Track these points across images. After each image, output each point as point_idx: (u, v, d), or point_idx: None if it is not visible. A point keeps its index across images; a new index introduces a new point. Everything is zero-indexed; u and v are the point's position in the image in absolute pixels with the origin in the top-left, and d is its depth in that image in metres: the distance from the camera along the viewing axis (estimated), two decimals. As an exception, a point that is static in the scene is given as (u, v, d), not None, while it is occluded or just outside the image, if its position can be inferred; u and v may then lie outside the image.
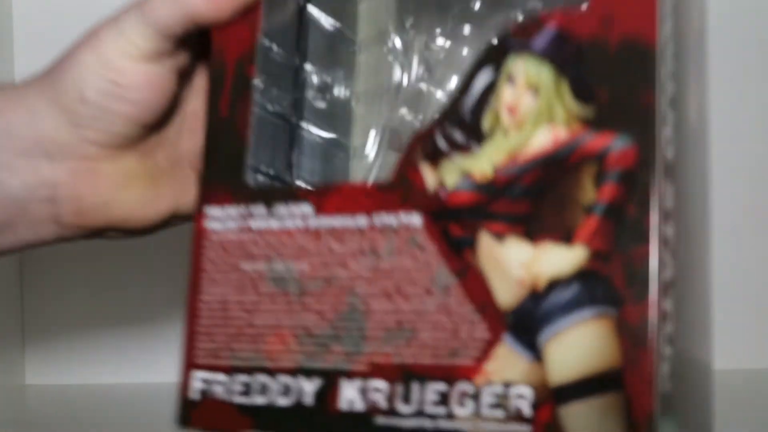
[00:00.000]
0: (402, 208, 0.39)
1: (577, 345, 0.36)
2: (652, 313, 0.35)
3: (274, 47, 0.47)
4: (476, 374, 0.37)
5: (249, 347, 0.40)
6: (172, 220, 0.49)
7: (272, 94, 0.47)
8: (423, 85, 0.48)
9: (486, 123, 0.39)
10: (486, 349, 0.37)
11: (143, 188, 0.48)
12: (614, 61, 0.37)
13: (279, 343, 0.40)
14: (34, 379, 0.78)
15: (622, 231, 0.36)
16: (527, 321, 0.37)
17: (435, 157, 0.39)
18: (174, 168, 0.49)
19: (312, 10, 0.49)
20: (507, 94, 0.39)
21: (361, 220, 0.40)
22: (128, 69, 0.45)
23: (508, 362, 0.36)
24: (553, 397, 0.36)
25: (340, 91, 0.51)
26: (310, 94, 0.50)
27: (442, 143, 0.39)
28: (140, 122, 0.46)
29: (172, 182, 0.48)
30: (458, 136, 0.39)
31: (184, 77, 0.48)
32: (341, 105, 0.51)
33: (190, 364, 0.41)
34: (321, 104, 0.50)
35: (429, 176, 0.39)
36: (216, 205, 0.42)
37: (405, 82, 0.49)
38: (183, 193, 0.49)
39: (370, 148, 0.51)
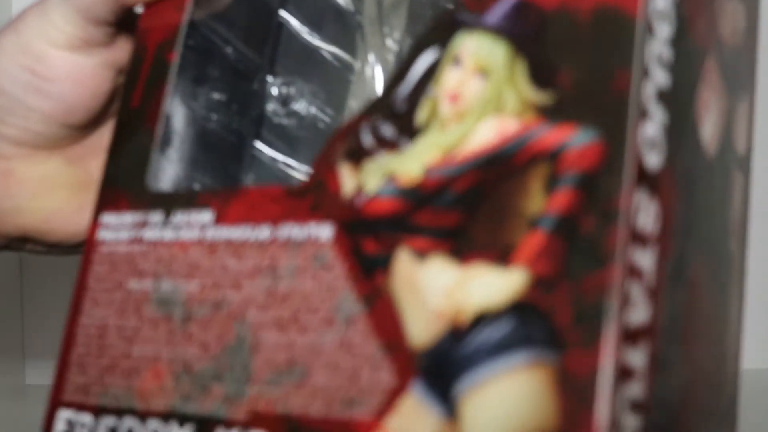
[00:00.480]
0: (311, 217, 0.31)
1: (502, 400, 0.26)
2: (604, 365, 0.25)
3: (230, 51, 0.40)
4: (374, 431, 0.28)
5: (121, 383, 0.32)
6: None
7: (225, 104, 0.40)
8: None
9: (421, 114, 0.31)
10: (389, 400, 0.28)
11: (65, 199, 0.41)
12: (584, 35, 0.29)
13: (154, 379, 0.32)
14: (34, 379, 0.76)
15: (574, 252, 0.27)
16: (443, 365, 0.27)
17: (357, 156, 0.31)
18: None
19: (291, 20, 0.42)
20: (450, 79, 0.30)
21: (263, 232, 0.32)
22: (50, 57, 0.38)
23: (413, 418, 0.27)
24: (464, 469, 0.26)
25: (308, 111, 0.43)
26: (271, 110, 0.42)
27: (367, 139, 0.31)
28: (64, 122, 0.39)
29: None
30: (387, 130, 0.31)
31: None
32: (311, 129, 0.43)
33: (56, 401, 0.34)
34: (285, 123, 0.43)
35: (347, 179, 0.31)
36: (112, 212, 0.35)
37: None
38: None
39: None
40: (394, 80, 0.31)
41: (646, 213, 0.27)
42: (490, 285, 0.27)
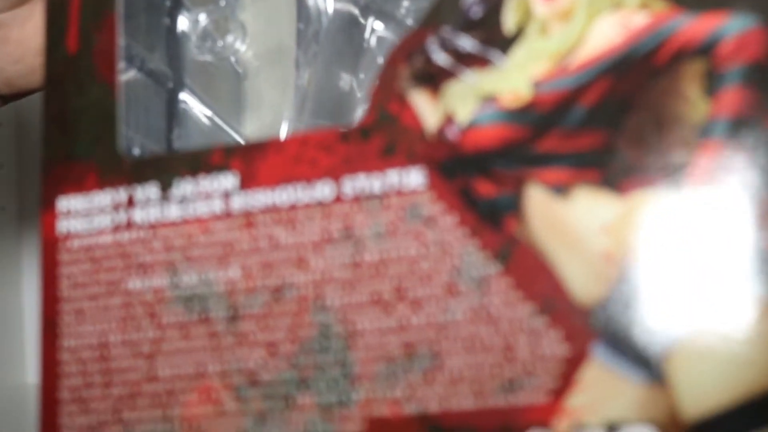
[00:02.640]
0: (387, 163, 0.24)
1: (717, 351, 0.22)
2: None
3: None
4: (555, 415, 0.22)
5: (154, 414, 0.24)
6: None
7: (136, 46, 0.32)
8: (355, 10, 0.33)
9: (510, 18, 0.25)
10: (566, 373, 0.22)
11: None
12: None
13: (204, 401, 0.24)
14: (34, 378, 0.71)
15: (762, 158, 0.22)
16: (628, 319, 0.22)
17: (432, 79, 0.25)
18: None
19: None
20: (537, -29, 0.25)
21: (321, 190, 0.25)
22: None
23: (606, 390, 0.22)
24: (693, 440, 0.21)
25: (233, 46, 0.35)
26: (190, 49, 0.34)
27: (440, 57, 0.25)
28: None
29: None
30: (465, 42, 0.25)
31: None
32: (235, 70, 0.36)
33: (53, 455, 0.25)
34: (207, 60, 0.35)
35: (426, 108, 0.25)
36: (75, 194, 0.26)
37: (327, 10, 0.34)
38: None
39: (284, 125, 0.35)
40: (456, -20, 0.25)
41: None
42: (667, 213, 0.22)
